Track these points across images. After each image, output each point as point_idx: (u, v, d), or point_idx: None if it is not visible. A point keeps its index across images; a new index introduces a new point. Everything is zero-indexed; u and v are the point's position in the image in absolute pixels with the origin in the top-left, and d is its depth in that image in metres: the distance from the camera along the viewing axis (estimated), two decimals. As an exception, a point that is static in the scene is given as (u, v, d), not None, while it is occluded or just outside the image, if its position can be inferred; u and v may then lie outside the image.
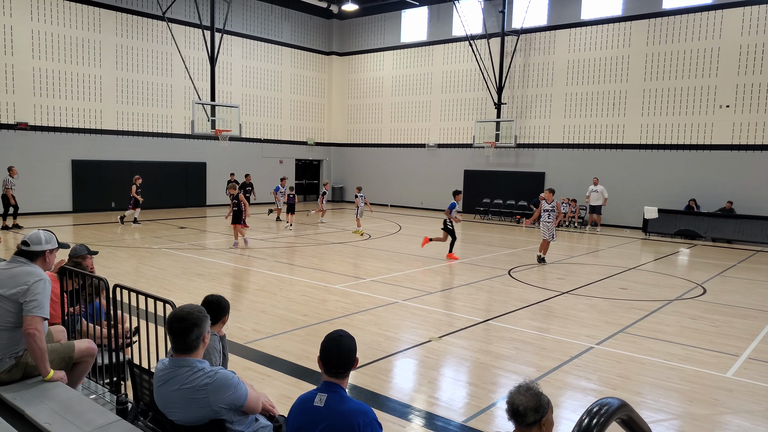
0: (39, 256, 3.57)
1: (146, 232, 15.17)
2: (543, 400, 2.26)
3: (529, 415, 2.20)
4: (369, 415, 2.48)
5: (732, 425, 4.64)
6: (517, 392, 2.26)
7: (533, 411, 2.21)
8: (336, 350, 2.53)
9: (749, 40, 17.09)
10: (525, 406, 2.21)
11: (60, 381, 3.45)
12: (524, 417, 2.21)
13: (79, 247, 5.01)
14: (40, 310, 3.37)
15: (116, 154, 20.16)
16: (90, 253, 5.02)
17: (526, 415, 2.21)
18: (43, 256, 3.59)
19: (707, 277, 10.96)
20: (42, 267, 3.57)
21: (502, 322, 7.41)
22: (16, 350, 3.39)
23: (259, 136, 24.78)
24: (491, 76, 22.01)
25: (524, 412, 2.21)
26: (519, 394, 2.25)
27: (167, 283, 9.08)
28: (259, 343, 6.31)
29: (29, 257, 3.53)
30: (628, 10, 19.20)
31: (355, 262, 11.55)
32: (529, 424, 2.22)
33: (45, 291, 3.43)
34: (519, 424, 2.24)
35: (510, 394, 2.28)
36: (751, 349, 6.58)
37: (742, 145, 17.34)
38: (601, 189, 18.57)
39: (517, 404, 2.22)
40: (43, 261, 3.59)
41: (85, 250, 5.00)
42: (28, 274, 3.42)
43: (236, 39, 23.45)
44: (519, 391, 2.26)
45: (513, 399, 2.24)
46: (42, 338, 3.39)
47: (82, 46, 19.14)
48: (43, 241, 3.59)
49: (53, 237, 3.69)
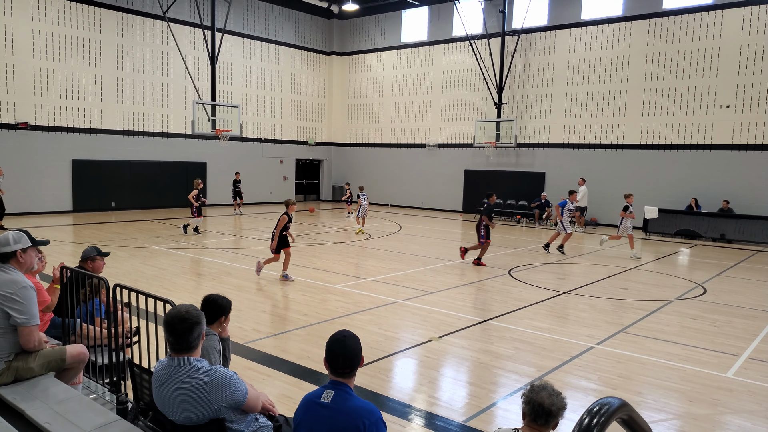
0: (11, 258, 3.48)
1: (146, 232, 15.17)
2: (566, 402, 2.35)
3: (560, 416, 2.28)
4: (375, 414, 2.49)
5: (732, 425, 4.63)
6: (545, 393, 2.32)
7: (563, 411, 2.30)
8: (341, 351, 2.54)
9: (749, 40, 17.08)
10: (558, 407, 2.29)
11: None
12: (555, 418, 2.29)
13: (89, 249, 5.02)
14: (34, 319, 3.40)
15: (116, 153, 20.17)
16: (100, 255, 5.02)
17: (557, 416, 2.28)
18: (15, 257, 3.49)
19: (707, 277, 10.95)
20: (19, 269, 3.50)
21: (503, 322, 7.41)
22: (5, 355, 3.40)
23: (260, 136, 24.79)
24: (491, 76, 22.01)
25: (557, 413, 2.29)
26: (548, 394, 2.31)
27: (167, 283, 9.08)
28: (260, 342, 6.31)
29: (1, 260, 3.45)
30: (628, 10, 19.20)
31: (355, 262, 11.54)
32: (551, 425, 2.27)
33: (33, 298, 3.42)
34: (545, 424, 2.28)
35: (535, 395, 2.32)
36: (752, 349, 6.58)
37: (742, 145, 17.34)
38: (584, 190, 18.49)
39: (549, 405, 2.28)
40: (17, 262, 3.50)
41: (94, 251, 5.00)
42: (12, 282, 3.37)
43: (237, 39, 23.46)
44: (548, 392, 2.32)
45: (543, 400, 2.29)
46: (42, 340, 3.46)
47: (83, 45, 19.15)
48: (11, 242, 3.48)
49: (23, 236, 3.58)
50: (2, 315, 3.35)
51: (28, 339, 3.40)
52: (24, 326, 3.36)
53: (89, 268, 4.86)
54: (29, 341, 3.40)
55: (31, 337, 3.40)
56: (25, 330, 3.37)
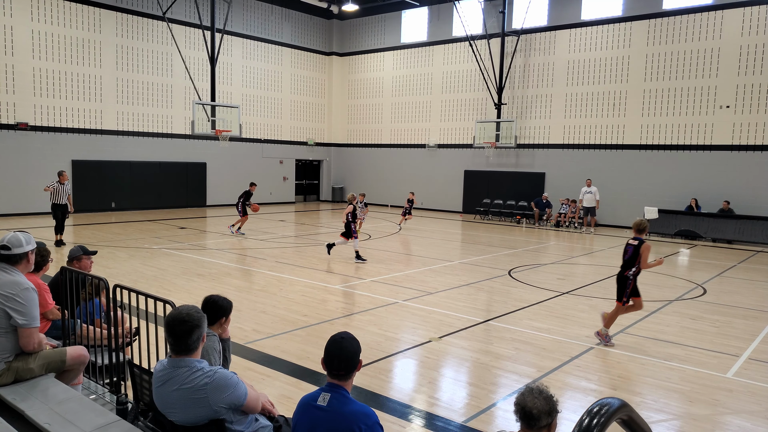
0: (22, 259, 3.50)
1: (146, 233, 15.17)
2: (555, 404, 2.25)
3: (543, 419, 2.20)
4: (372, 418, 2.48)
5: (732, 425, 4.63)
6: (530, 396, 2.24)
7: (546, 415, 2.20)
8: (337, 352, 2.54)
9: (749, 41, 17.09)
10: (539, 409, 2.19)
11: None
12: (537, 421, 2.20)
13: (75, 249, 4.97)
14: (34, 321, 3.41)
15: (116, 154, 20.16)
16: (86, 254, 4.98)
17: (540, 419, 2.19)
18: (27, 258, 3.53)
19: (707, 278, 10.95)
20: (23, 270, 3.52)
21: (502, 323, 7.41)
22: (6, 355, 3.40)
23: (260, 137, 24.79)
24: (491, 76, 22.02)
25: (538, 416, 2.19)
26: (533, 397, 2.23)
27: (167, 284, 9.08)
28: (260, 343, 6.31)
29: (12, 261, 3.46)
30: (628, 11, 19.20)
31: (355, 263, 11.54)
32: (540, 427, 2.21)
33: (34, 300, 3.43)
34: (530, 427, 2.22)
35: (521, 397, 2.25)
36: (752, 350, 6.58)
37: (742, 146, 17.34)
38: (594, 190, 18.54)
39: (531, 407, 2.20)
40: (26, 263, 3.53)
41: (80, 251, 4.95)
42: (14, 284, 3.37)
43: (236, 39, 23.46)
44: (532, 395, 2.24)
45: (526, 402, 2.22)
46: (42, 342, 3.47)
47: (83, 46, 19.15)
48: (24, 243, 3.51)
49: (31, 237, 3.62)
50: (3, 315, 3.35)
51: (28, 341, 3.40)
52: (24, 328, 3.37)
53: (76, 267, 4.81)
54: (29, 343, 3.41)
55: (31, 339, 3.40)
56: (25, 332, 3.38)
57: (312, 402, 2.54)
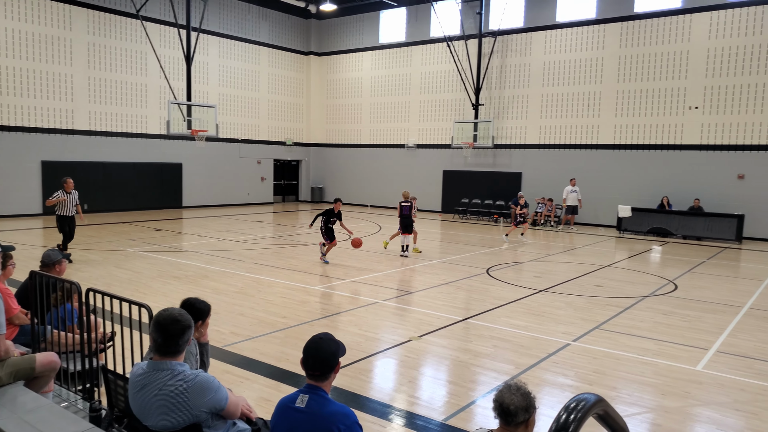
0: None
1: (120, 235, 14.85)
2: (532, 400, 2.27)
3: (520, 415, 2.22)
4: (350, 418, 2.48)
5: (702, 417, 4.78)
6: (508, 392, 2.26)
7: (524, 411, 2.22)
8: (314, 352, 2.53)
9: (716, 44, 17.62)
10: (516, 405, 2.22)
11: None
12: (514, 417, 2.22)
13: (54, 253, 4.82)
14: (1, 327, 3.32)
15: (88, 155, 19.68)
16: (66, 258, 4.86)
17: (517, 415, 2.22)
18: None
19: (678, 274, 11.26)
20: None
21: (481, 321, 7.48)
22: None
23: (237, 137, 24.50)
24: (469, 77, 22.20)
25: (515, 411, 2.21)
26: (510, 393, 2.25)
27: (143, 287, 8.90)
28: (238, 345, 6.24)
29: None
30: (601, 13, 19.60)
31: (334, 263, 11.50)
32: (518, 423, 2.24)
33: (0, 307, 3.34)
34: (507, 423, 2.25)
35: (499, 394, 2.28)
36: (720, 343, 6.79)
37: (710, 146, 17.87)
38: (578, 190, 18.99)
39: (508, 404, 2.22)
40: None
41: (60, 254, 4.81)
42: None
43: (213, 38, 23.14)
44: (510, 391, 2.26)
45: (503, 399, 2.24)
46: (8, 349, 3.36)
47: (53, 43, 18.63)
48: None
49: None
50: None
51: None
52: None
53: (56, 272, 4.69)
54: None
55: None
56: None
57: (290, 404, 2.53)
